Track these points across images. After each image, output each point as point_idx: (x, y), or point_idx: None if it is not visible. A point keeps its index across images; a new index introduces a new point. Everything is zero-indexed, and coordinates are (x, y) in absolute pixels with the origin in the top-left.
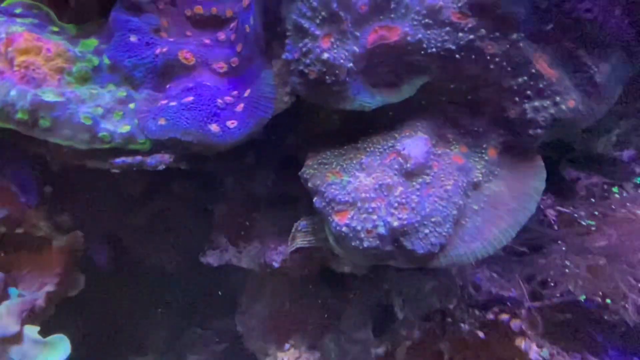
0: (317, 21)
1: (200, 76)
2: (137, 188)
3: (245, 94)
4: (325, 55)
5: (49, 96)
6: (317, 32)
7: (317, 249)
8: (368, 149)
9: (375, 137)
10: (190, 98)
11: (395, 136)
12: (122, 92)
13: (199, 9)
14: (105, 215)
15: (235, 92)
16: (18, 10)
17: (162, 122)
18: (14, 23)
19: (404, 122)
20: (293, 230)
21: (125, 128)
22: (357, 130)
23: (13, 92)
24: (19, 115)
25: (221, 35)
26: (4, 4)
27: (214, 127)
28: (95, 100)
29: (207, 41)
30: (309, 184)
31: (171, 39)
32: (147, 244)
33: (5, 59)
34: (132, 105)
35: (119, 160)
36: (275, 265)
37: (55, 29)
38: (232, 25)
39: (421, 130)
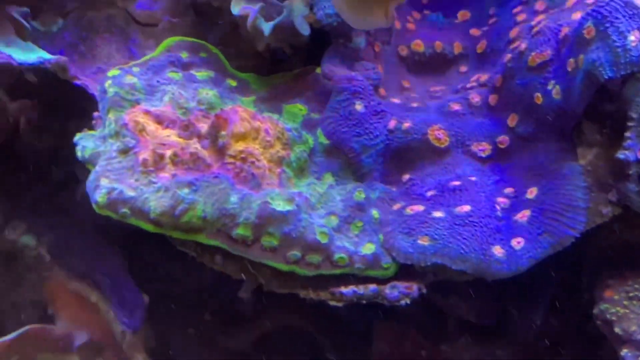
0: None
1: (456, 165)
2: None
3: (529, 194)
4: None
5: (279, 203)
6: None
7: None
8: None
9: None
10: (467, 208)
11: None
12: (360, 193)
13: (417, 45)
14: None
15: (509, 190)
16: (184, 55)
17: (424, 241)
18: (196, 83)
19: None
20: None
21: (368, 248)
22: None
23: (234, 199)
24: (239, 231)
25: (474, 97)
26: (161, 48)
27: (497, 251)
28: (326, 204)
29: (456, 107)
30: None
31: (397, 101)
32: None
33: (213, 146)
34: (375, 214)
35: (348, 291)
36: None
37: (233, 83)
38: (480, 77)
39: None
